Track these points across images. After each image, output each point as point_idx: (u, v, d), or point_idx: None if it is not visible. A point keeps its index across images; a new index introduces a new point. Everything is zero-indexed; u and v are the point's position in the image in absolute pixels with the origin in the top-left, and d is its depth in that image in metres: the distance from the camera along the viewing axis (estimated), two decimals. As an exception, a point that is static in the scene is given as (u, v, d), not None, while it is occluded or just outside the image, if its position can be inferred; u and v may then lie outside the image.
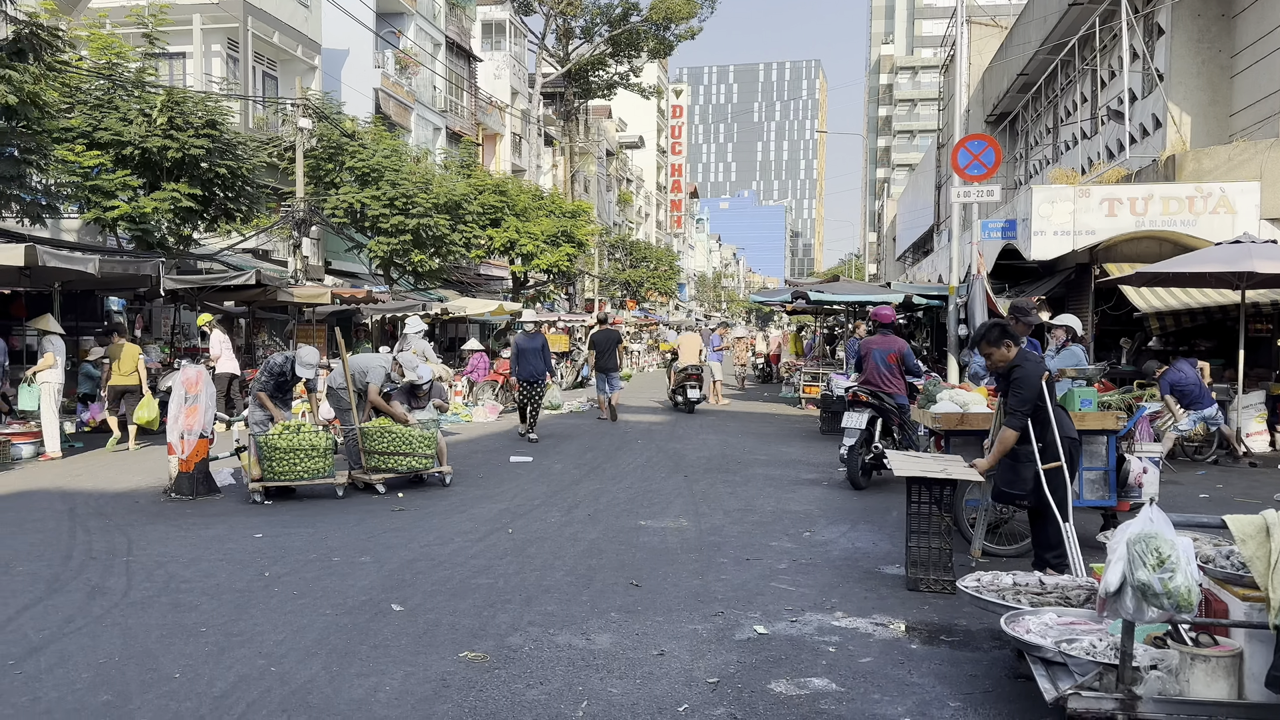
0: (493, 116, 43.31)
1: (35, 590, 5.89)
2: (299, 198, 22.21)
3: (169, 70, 23.75)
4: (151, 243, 17.46)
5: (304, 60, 28.24)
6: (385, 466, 9.62)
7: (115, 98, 17.43)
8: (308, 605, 5.60)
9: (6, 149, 13.50)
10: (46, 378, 12.00)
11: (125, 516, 8.28)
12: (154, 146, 16.74)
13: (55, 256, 11.80)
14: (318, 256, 24.98)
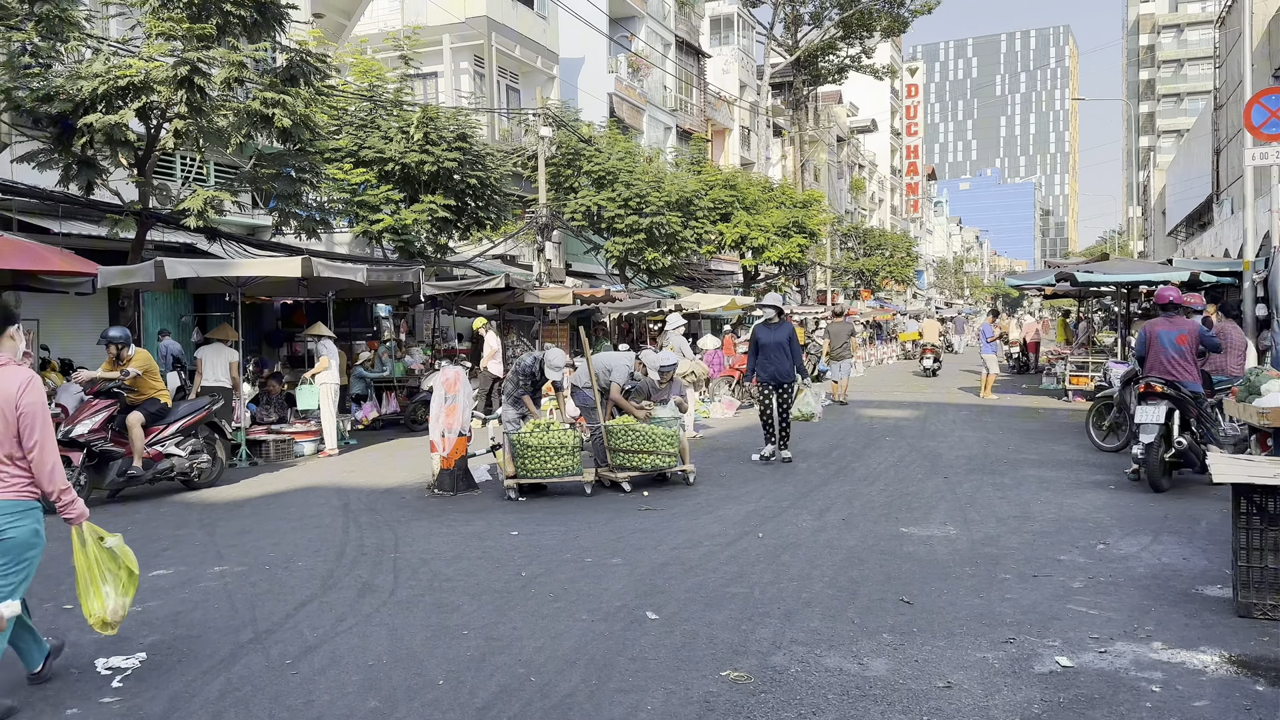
0: (721, 111, 43.20)
1: (311, 587, 6.16)
2: (541, 204, 22.94)
3: (423, 89, 25.27)
4: (412, 252, 18.59)
5: (543, 71, 29.23)
6: (630, 464, 9.54)
7: (377, 118, 18.70)
8: (564, 610, 5.48)
9: (285, 169, 14.69)
10: (324, 379, 12.92)
11: (393, 512, 8.65)
12: (412, 161, 17.79)
13: (328, 267, 12.65)
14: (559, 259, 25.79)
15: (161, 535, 7.86)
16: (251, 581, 6.29)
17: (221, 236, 16.02)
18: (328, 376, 12.91)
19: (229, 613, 5.60)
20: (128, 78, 11.85)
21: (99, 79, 11.82)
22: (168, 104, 12.50)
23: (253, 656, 4.82)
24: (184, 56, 12.15)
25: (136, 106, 12.13)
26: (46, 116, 12.37)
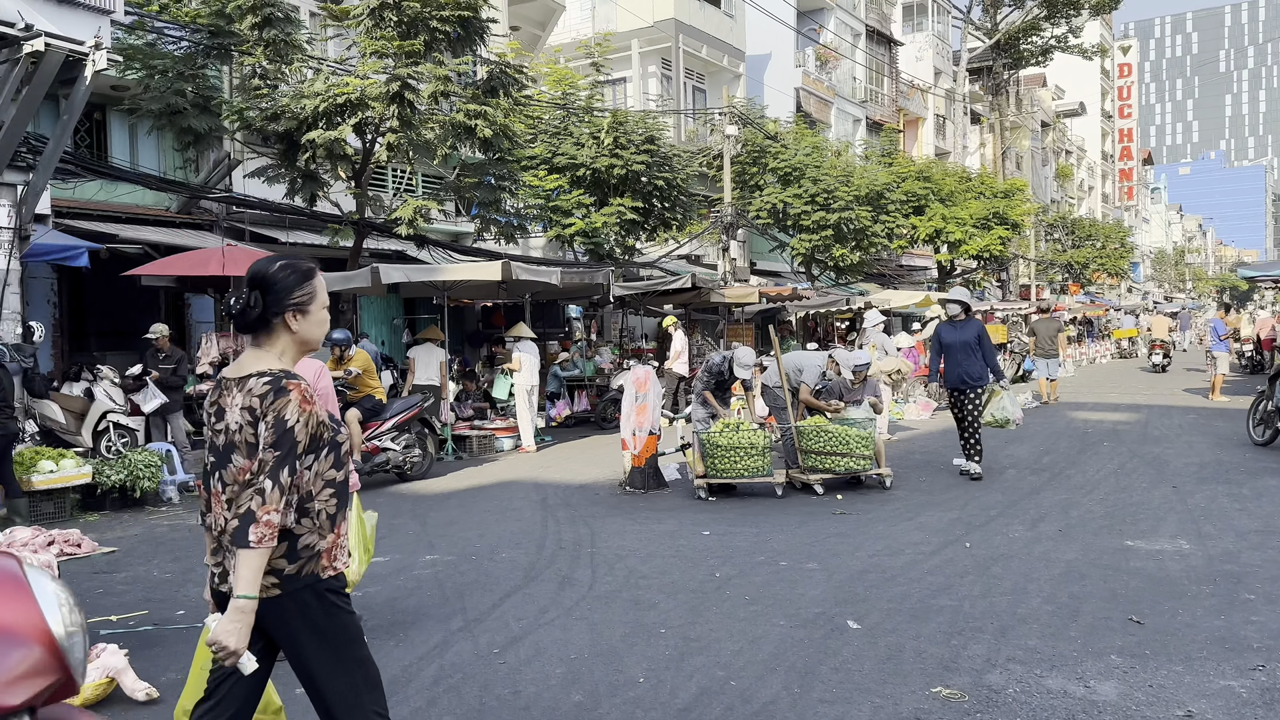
0: (914, 100, 41.73)
1: (515, 578, 6.36)
2: (726, 202, 22.91)
3: (612, 94, 25.78)
4: (602, 254, 18.99)
5: (729, 69, 29.18)
6: (822, 466, 9.33)
7: (569, 125, 19.23)
8: (760, 613, 5.40)
9: (485, 178, 15.33)
10: (520, 380, 13.37)
11: (588, 508, 8.83)
12: (602, 166, 18.18)
13: (526, 270, 13.11)
14: (744, 258, 25.64)
15: (378, 524, 8.34)
16: (460, 571, 6.57)
17: (429, 243, 16.91)
18: (523, 378, 13.35)
19: (440, 600, 5.86)
20: (345, 95, 12.69)
21: (319, 97, 12.72)
22: (381, 119, 13.29)
23: (463, 644, 5.01)
24: (395, 73, 12.89)
25: (353, 122, 12.97)
26: (274, 134, 13.44)
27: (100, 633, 5.27)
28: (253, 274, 2.76)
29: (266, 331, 2.76)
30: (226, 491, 2.65)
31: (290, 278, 2.76)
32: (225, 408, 2.68)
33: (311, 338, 2.82)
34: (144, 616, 5.68)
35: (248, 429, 2.63)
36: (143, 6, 13.42)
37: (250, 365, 2.72)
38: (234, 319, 2.77)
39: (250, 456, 2.61)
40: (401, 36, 13.35)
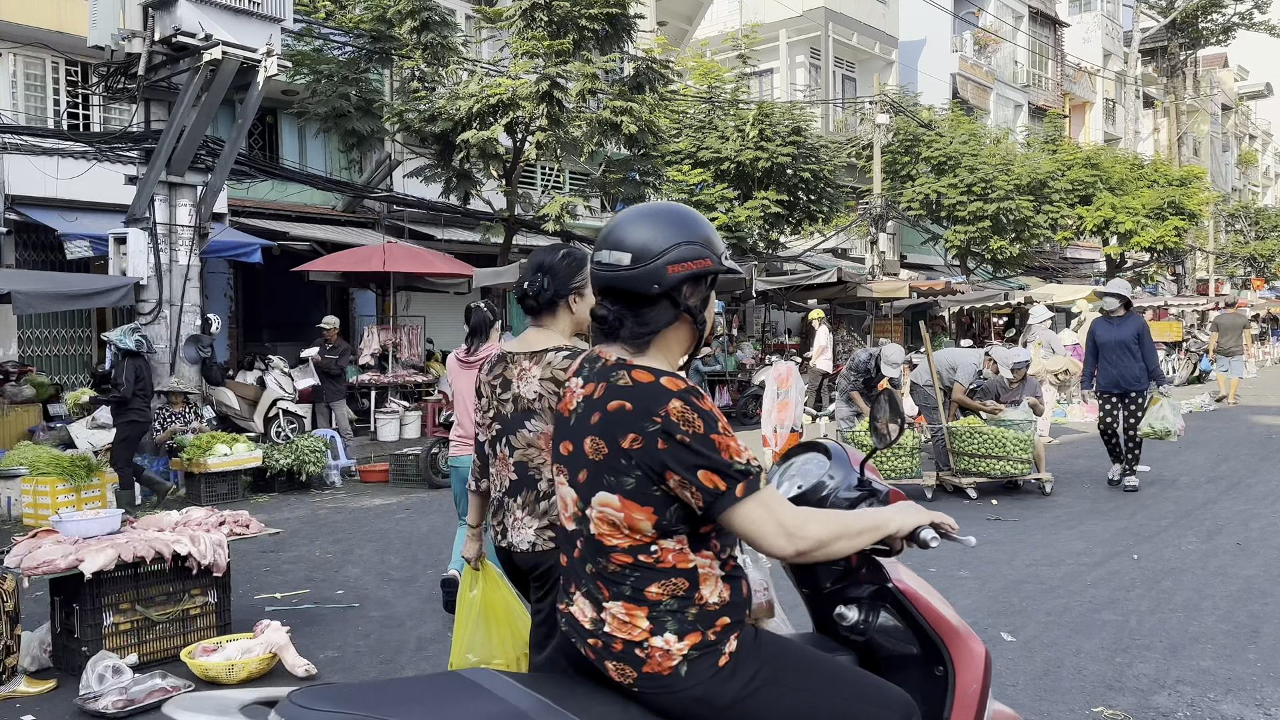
0: (1081, 84, 39.53)
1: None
2: (876, 194, 22.33)
3: (759, 86, 25.54)
4: (744, 248, 18.83)
5: (881, 57, 28.42)
6: (976, 470, 8.94)
7: (714, 118, 19.15)
8: (906, 620, 5.22)
9: (630, 174, 15.46)
10: None
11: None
12: (746, 159, 18.02)
13: (668, 265, 13.14)
14: (894, 251, 24.98)
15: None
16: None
17: (575, 239, 17.21)
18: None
19: (581, 592, 5.93)
20: (497, 96, 13.04)
21: (473, 98, 13.12)
22: (531, 118, 13.60)
23: (602, 637, 5.05)
24: (545, 72, 13.15)
25: (505, 122, 13.32)
26: (431, 135, 13.95)
27: (266, 609, 5.60)
28: (539, 263, 3.07)
29: (551, 313, 3.05)
30: (515, 455, 2.96)
31: (571, 265, 3.05)
32: (513, 379, 2.99)
33: (584, 317, 3.04)
34: (305, 595, 5.99)
35: (549, 397, 2.91)
36: (310, 14, 14.18)
37: (541, 342, 3.02)
38: (523, 302, 3.08)
39: (551, 423, 2.80)
40: (551, 36, 13.60)
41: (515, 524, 2.93)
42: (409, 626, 5.31)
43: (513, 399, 2.98)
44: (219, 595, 4.98)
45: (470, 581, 3.25)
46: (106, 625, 4.53)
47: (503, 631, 3.16)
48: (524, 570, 2.97)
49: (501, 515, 3.00)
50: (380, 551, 7.21)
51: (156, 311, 10.36)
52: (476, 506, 3.24)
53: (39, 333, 13.09)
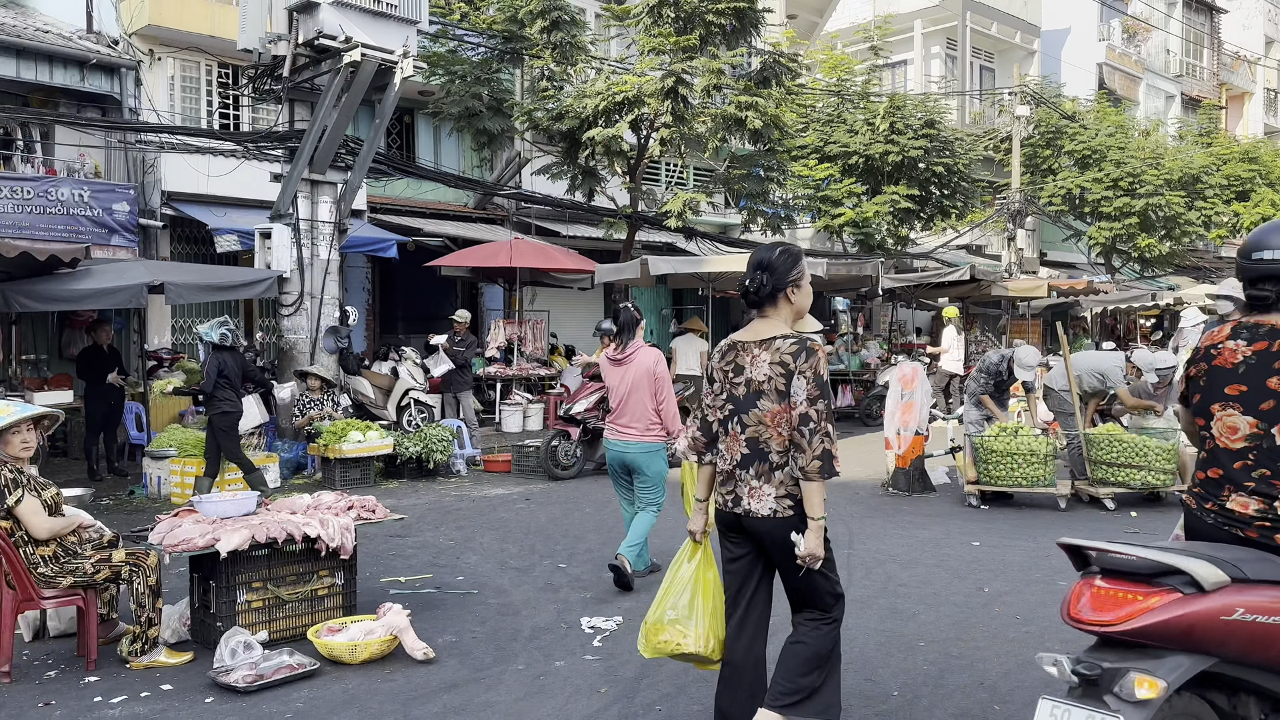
0: (1239, 73, 36.96)
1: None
2: (1014, 188, 21.48)
3: (890, 78, 24.92)
4: (872, 245, 18.42)
5: (1022, 46, 27.31)
6: (1114, 479, 8.48)
7: (843, 112, 18.78)
8: (1033, 635, 5.00)
9: (754, 169, 15.32)
10: None
11: (846, 507, 8.59)
12: (876, 153, 17.60)
13: (792, 262, 12.98)
14: (1032, 248, 23.97)
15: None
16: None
17: (697, 235, 17.20)
18: None
19: (693, 590, 5.91)
20: (623, 93, 13.13)
21: (600, 96, 13.25)
22: (656, 115, 13.64)
23: (713, 636, 5.02)
24: (670, 69, 13.17)
25: (630, 119, 13.41)
26: (558, 133, 14.17)
27: (390, 592, 5.80)
28: (759, 260, 3.40)
29: (772, 304, 3.39)
30: (746, 431, 3.34)
31: (788, 260, 3.39)
32: (744, 365, 3.36)
33: (803, 306, 3.44)
34: (427, 580, 6.18)
35: (779, 380, 3.27)
36: (445, 16, 14.61)
37: (767, 330, 3.38)
38: (745, 296, 3.43)
39: (779, 402, 3.27)
40: (678, 32, 13.62)
41: (752, 493, 3.31)
42: (524, 615, 5.41)
43: (745, 382, 3.35)
44: (345, 577, 5.18)
45: (689, 552, 3.56)
46: (240, 602, 4.78)
47: (707, 605, 3.48)
48: (756, 535, 3.35)
49: (733, 485, 3.37)
50: (500, 540, 7.38)
51: (298, 303, 10.88)
52: (705, 480, 3.57)
53: (190, 322, 13.95)
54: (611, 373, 6.15)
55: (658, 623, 3.52)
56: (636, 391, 5.98)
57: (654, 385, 5.98)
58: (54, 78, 12.45)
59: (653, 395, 5.97)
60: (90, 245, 10.83)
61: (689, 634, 3.45)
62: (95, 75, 12.68)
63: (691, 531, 3.57)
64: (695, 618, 3.46)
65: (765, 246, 3.47)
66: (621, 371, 6.05)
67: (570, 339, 17.41)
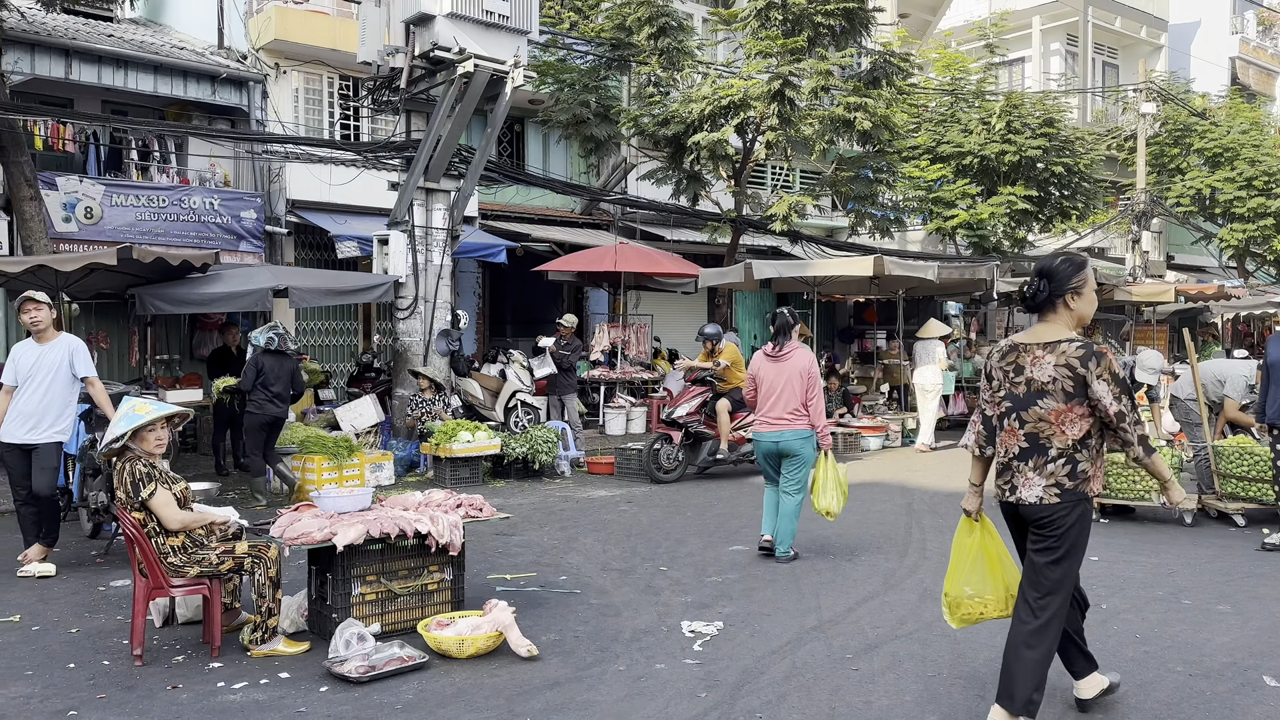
0: (1396, 61, 34.46)
1: (873, 583, 6.19)
2: (1139, 189, 20.55)
3: (1007, 76, 24.19)
4: (987, 247, 17.91)
5: (1148, 41, 26.13)
6: (1244, 494, 8.02)
7: (956, 111, 18.31)
8: (1152, 655, 4.77)
9: (863, 171, 15.08)
10: (924, 380, 12.95)
11: (957, 517, 8.34)
12: (991, 153, 17.11)
13: (900, 265, 12.72)
14: (1158, 251, 22.87)
15: (742, 513, 8.57)
16: (817, 569, 6.53)
17: (803, 239, 17.02)
18: (930, 376, 12.94)
19: (796, 597, 5.86)
20: (729, 97, 13.11)
21: (706, 101, 13.26)
22: (761, 118, 13.58)
23: (815, 644, 4.97)
24: (777, 71, 13.09)
25: (735, 123, 13.38)
26: (663, 138, 14.24)
27: (496, 590, 5.93)
28: (1040, 268, 3.69)
29: (1052, 309, 3.67)
30: (1025, 427, 3.66)
31: (1068, 269, 3.65)
32: (1024, 365, 3.66)
33: (1085, 314, 3.67)
34: (531, 578, 6.30)
35: (1065, 381, 3.56)
36: (555, 25, 14.86)
37: (1050, 334, 3.65)
38: (1025, 301, 3.75)
39: (1064, 402, 3.57)
40: (785, 35, 13.52)
41: (1025, 483, 3.66)
42: (625, 616, 5.46)
43: (1025, 381, 3.65)
44: (454, 573, 5.33)
45: (968, 529, 4.05)
46: (354, 595, 4.97)
47: (996, 573, 3.98)
48: (1028, 520, 3.71)
49: (1010, 475, 3.73)
50: (602, 541, 7.46)
51: (413, 307, 11.23)
52: (979, 469, 4.00)
53: (312, 324, 14.54)
54: (767, 369, 6.81)
55: (958, 598, 4.07)
56: (789, 387, 6.69)
57: (806, 382, 6.69)
58: (188, 92, 13.18)
59: (803, 390, 6.68)
60: (220, 251, 11.43)
61: (989, 603, 4.01)
62: (225, 89, 13.37)
63: (967, 510, 4.05)
64: (990, 586, 3.98)
65: (1049, 255, 3.71)
66: (778, 368, 6.76)
67: (673, 343, 17.45)
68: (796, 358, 6.73)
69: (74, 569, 6.61)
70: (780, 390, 6.71)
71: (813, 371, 6.73)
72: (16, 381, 6.53)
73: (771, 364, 6.81)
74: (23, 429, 6.49)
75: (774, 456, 6.78)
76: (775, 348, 6.83)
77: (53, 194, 11.59)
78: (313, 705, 4.20)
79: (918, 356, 13.19)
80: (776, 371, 6.76)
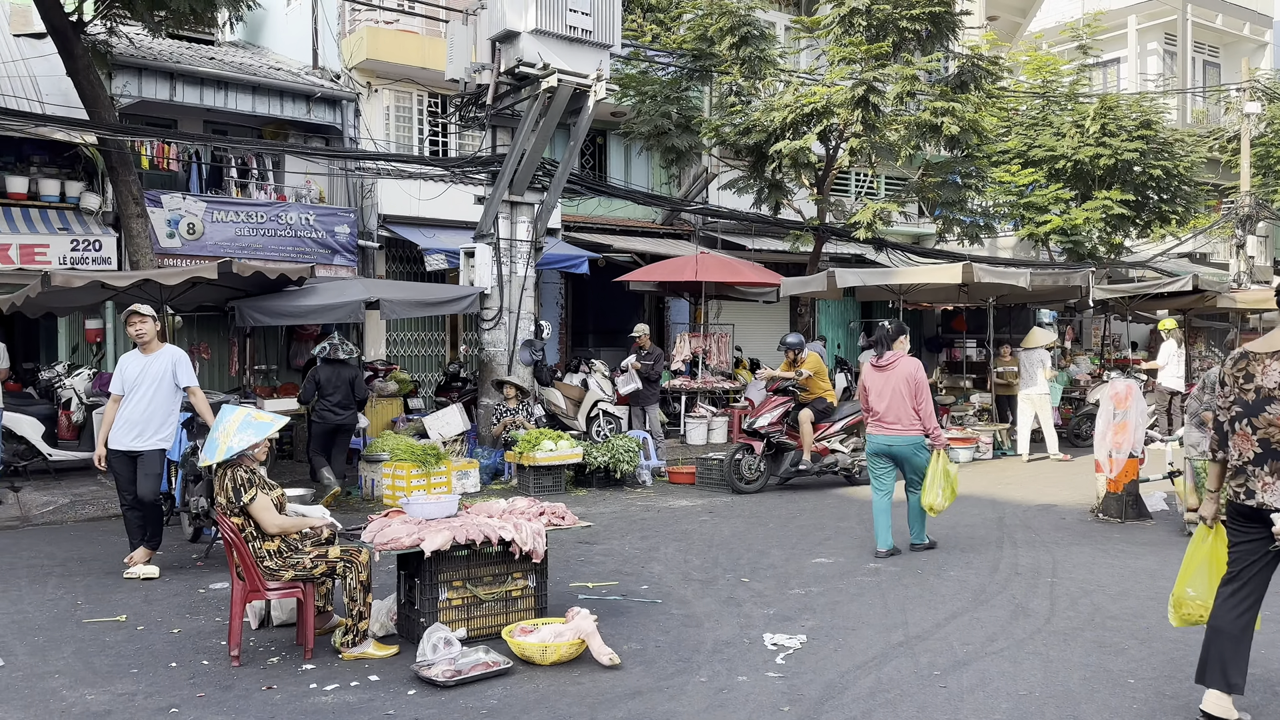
0: None
1: (963, 599, 6.04)
2: (1243, 191, 19.66)
3: (1102, 78, 23.45)
4: (1081, 253, 17.37)
5: (1252, 39, 25.07)
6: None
7: (1049, 114, 17.83)
8: (1256, 679, 4.54)
9: (950, 177, 14.78)
10: (1033, 390, 12.61)
11: (1051, 533, 8.12)
12: (1086, 156, 16.62)
13: (989, 272, 12.42)
14: (1265, 255, 21.81)
15: (825, 525, 8.46)
16: (904, 584, 6.40)
17: (888, 246, 16.75)
18: (1038, 386, 12.62)
19: (881, 611, 5.76)
20: (811, 104, 13.01)
21: (788, 109, 13.18)
22: (845, 125, 13.43)
23: (902, 660, 4.87)
24: (861, 77, 12.94)
25: (818, 130, 13.26)
26: (745, 148, 14.20)
27: (578, 597, 5.97)
28: None
29: None
30: (1257, 433, 3.83)
31: None
32: (1254, 373, 3.84)
33: None
34: (613, 587, 6.32)
35: None
36: (637, 38, 14.96)
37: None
38: None
39: None
40: (870, 40, 13.36)
41: (1265, 487, 3.80)
42: (707, 627, 5.44)
43: (1255, 389, 3.83)
44: (537, 580, 5.38)
45: (1203, 534, 4.17)
46: (441, 600, 5.06)
47: (1215, 580, 4.06)
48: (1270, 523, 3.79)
49: (1244, 479, 3.87)
50: (683, 551, 7.44)
51: (497, 318, 11.41)
52: (1216, 474, 4.08)
53: (402, 335, 14.90)
54: (874, 378, 7.30)
55: (1181, 598, 4.24)
56: (897, 394, 7.11)
57: (913, 389, 7.11)
58: (284, 111, 13.67)
59: (912, 396, 7.09)
60: (315, 265, 11.82)
61: (1206, 608, 4.09)
62: (320, 108, 13.83)
63: (1203, 517, 4.14)
64: (1209, 592, 4.09)
65: None
66: (884, 376, 7.22)
67: (755, 352, 17.35)
68: (902, 366, 7.17)
69: (176, 571, 6.88)
70: (889, 398, 7.16)
71: (917, 378, 7.12)
72: (123, 391, 6.84)
73: (878, 374, 7.27)
74: (129, 436, 6.79)
75: (884, 457, 7.28)
76: (878, 356, 7.32)
77: (158, 211, 12.14)
78: (401, 708, 4.28)
79: (1022, 366, 12.88)
80: (883, 380, 7.21)
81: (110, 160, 10.98)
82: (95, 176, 12.33)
